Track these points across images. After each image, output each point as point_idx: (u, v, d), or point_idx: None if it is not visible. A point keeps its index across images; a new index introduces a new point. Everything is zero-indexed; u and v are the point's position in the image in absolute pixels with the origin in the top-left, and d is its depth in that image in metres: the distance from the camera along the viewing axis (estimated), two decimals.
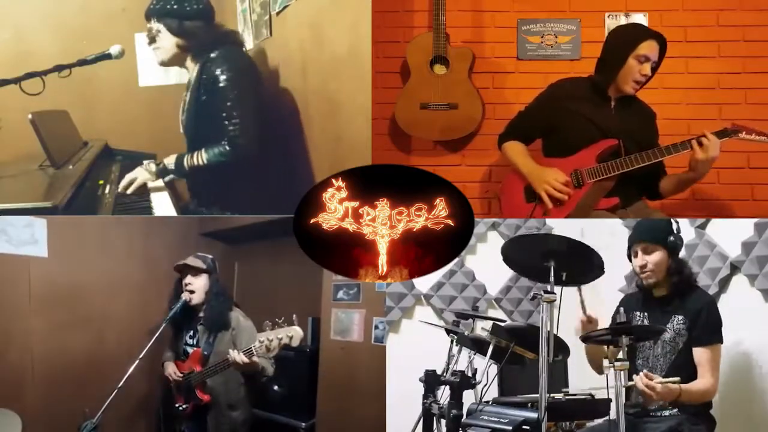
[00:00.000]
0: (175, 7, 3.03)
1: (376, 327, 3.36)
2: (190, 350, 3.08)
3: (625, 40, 2.88)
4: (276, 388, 3.49)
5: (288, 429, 3.42)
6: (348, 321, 3.40)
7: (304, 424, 3.38)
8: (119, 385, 2.68)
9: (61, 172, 2.99)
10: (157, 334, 2.90)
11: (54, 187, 2.81)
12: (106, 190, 3.08)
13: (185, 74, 3.25)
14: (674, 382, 2.27)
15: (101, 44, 2.95)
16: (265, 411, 3.42)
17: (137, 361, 2.76)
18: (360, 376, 3.32)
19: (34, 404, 3.06)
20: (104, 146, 3.61)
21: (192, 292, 3.05)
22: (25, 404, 2.95)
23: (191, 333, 3.11)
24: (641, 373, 2.29)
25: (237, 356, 2.78)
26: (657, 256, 2.48)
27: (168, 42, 3.07)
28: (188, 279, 3.06)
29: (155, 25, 3.05)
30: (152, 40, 3.08)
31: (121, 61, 3.01)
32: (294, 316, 2.78)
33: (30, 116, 2.82)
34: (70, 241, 3.35)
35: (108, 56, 2.94)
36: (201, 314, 3.09)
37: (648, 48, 2.83)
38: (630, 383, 2.29)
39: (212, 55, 3.01)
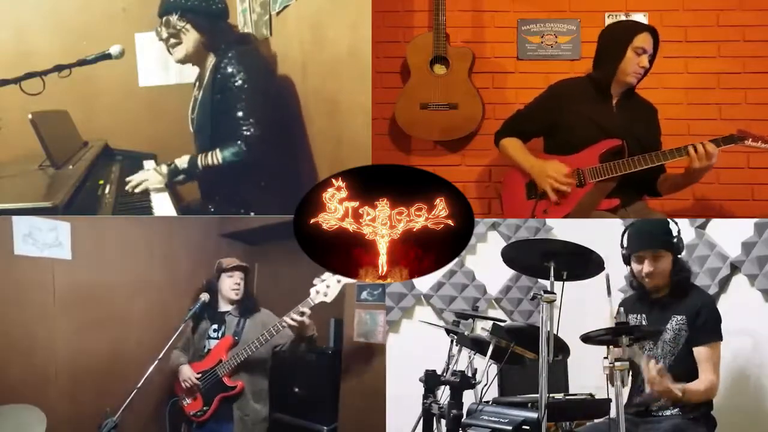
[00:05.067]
0: (203, 4, 3.02)
1: None
2: (213, 344, 3.07)
3: (621, 34, 2.90)
4: (297, 390, 3.44)
5: None
6: (372, 322, 3.35)
7: (326, 428, 3.32)
8: (138, 385, 2.70)
9: (61, 172, 2.99)
10: (176, 335, 2.92)
11: (54, 187, 2.81)
12: (106, 190, 3.08)
13: (186, 73, 3.25)
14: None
15: (101, 44, 2.95)
16: (286, 414, 3.37)
17: (156, 362, 2.79)
18: (384, 378, 3.28)
19: (58, 402, 3.11)
20: (104, 146, 3.61)
21: (238, 291, 3.13)
22: (50, 402, 2.98)
23: (215, 327, 3.12)
24: (653, 362, 2.28)
25: (288, 318, 2.81)
26: (664, 263, 2.48)
27: (192, 39, 3.05)
28: (237, 279, 3.13)
29: (177, 21, 3.01)
30: (173, 35, 3.04)
31: (121, 61, 3.01)
32: None
33: (30, 116, 2.82)
34: (92, 243, 3.39)
35: (108, 56, 2.94)
36: (228, 308, 3.13)
37: (644, 40, 2.85)
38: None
39: (229, 54, 3.01)
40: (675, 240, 2.49)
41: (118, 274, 3.49)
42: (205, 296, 3.09)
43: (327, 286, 2.80)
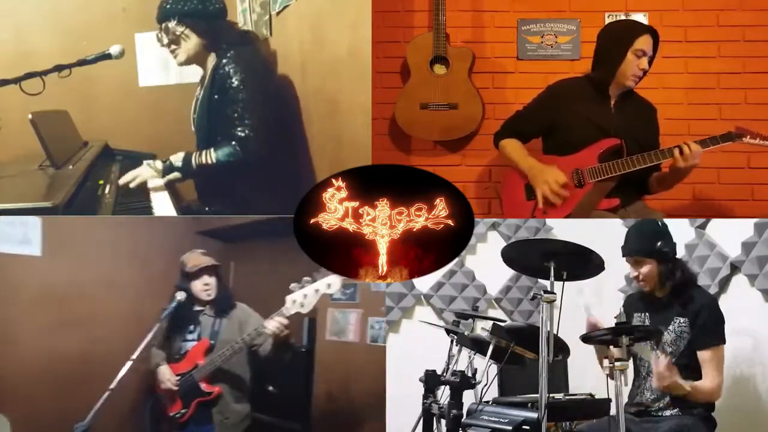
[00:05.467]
0: (199, 6, 3.02)
1: (372, 327, 3.34)
2: (189, 345, 3.00)
3: (621, 35, 2.89)
4: (271, 389, 3.44)
5: (283, 431, 3.38)
6: (344, 321, 3.38)
7: (299, 426, 3.34)
8: (111, 386, 2.60)
9: (61, 172, 2.99)
10: (150, 336, 2.81)
11: (54, 187, 2.81)
12: (106, 190, 3.08)
13: (187, 73, 3.25)
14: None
15: (101, 44, 2.96)
16: (260, 413, 3.32)
17: (129, 363, 2.68)
18: (356, 377, 3.30)
19: (25, 406, 3.03)
20: (104, 146, 3.61)
21: (210, 291, 3.03)
22: (15, 406, 2.92)
23: (191, 328, 3.05)
24: (662, 356, 2.29)
25: (271, 323, 2.74)
26: (647, 268, 2.46)
27: (193, 43, 3.07)
28: (205, 279, 3.02)
29: (176, 26, 3.03)
30: (173, 41, 3.06)
31: (121, 61, 3.01)
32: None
33: (30, 116, 2.82)
34: (63, 241, 3.33)
35: (108, 56, 2.94)
36: (203, 308, 3.06)
37: (644, 42, 2.84)
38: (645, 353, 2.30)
39: (228, 54, 3.01)
40: (658, 244, 2.45)
41: (89, 272, 3.42)
42: (181, 295, 2.98)
43: (304, 295, 2.73)
